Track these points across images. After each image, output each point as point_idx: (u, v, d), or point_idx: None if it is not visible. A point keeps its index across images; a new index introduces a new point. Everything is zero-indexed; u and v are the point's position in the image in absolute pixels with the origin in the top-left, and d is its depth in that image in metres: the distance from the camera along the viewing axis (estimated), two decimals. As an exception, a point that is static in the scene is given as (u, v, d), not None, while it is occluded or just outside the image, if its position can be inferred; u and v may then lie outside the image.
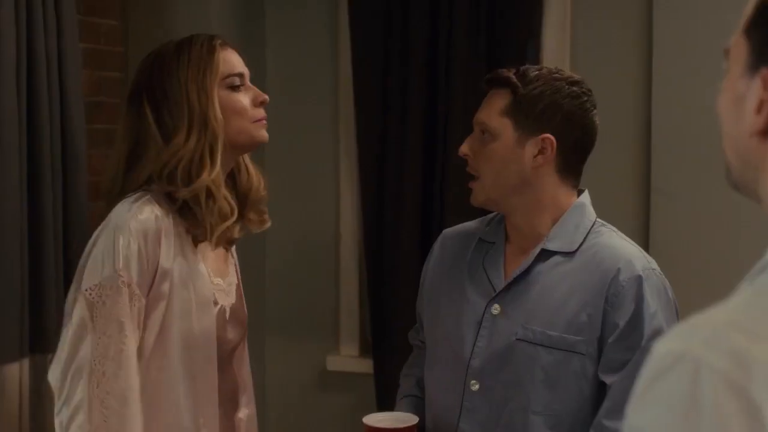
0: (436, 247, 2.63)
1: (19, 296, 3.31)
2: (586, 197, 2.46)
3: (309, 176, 4.41)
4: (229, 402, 2.57)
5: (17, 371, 3.36)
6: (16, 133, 3.29)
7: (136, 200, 2.38)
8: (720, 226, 3.69)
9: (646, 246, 3.84)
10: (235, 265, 2.66)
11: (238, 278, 2.64)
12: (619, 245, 2.39)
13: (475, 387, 2.39)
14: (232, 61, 2.49)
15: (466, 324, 2.44)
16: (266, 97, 2.51)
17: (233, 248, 2.66)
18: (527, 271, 2.39)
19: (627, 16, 3.93)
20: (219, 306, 2.49)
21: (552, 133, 2.35)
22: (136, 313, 2.33)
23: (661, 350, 0.97)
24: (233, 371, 2.59)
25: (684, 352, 0.94)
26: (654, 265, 2.38)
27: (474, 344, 2.41)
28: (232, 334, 2.54)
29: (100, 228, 2.40)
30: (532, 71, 2.40)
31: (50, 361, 3.39)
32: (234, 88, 2.47)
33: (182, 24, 4.16)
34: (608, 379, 2.29)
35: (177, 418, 2.41)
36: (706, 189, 3.69)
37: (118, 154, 2.50)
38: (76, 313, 2.35)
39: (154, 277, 2.36)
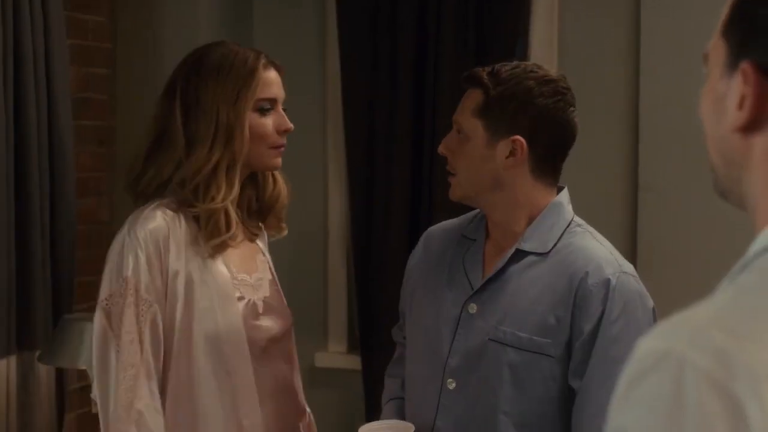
0: (420, 245, 2.63)
1: (6, 293, 3.31)
2: (564, 196, 2.42)
3: (297, 173, 4.39)
4: (280, 394, 2.58)
5: (4, 368, 3.35)
6: (3, 130, 3.28)
7: (147, 208, 2.43)
8: (707, 223, 3.70)
9: (633, 243, 3.85)
10: (268, 262, 2.67)
11: (271, 273, 2.65)
12: (592, 247, 2.34)
13: (452, 385, 2.39)
14: (271, 83, 2.50)
15: (445, 322, 2.43)
16: (291, 126, 2.51)
17: (265, 247, 2.69)
18: (502, 271, 2.37)
19: (615, 13, 3.94)
20: (246, 300, 2.51)
21: (522, 135, 2.31)
22: (148, 319, 2.37)
23: (643, 349, 0.96)
24: (279, 365, 2.60)
25: (667, 351, 0.93)
26: (627, 268, 2.33)
27: (452, 343, 2.40)
28: (269, 327, 2.55)
29: (115, 239, 2.45)
30: (506, 70, 2.36)
31: (38, 358, 3.39)
32: (263, 111, 2.48)
33: (170, 20, 4.15)
34: (574, 384, 2.27)
35: (212, 411, 2.43)
36: (694, 186, 3.70)
37: (145, 138, 2.53)
38: (97, 325, 2.40)
39: (167, 280, 2.39)
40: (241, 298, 2.50)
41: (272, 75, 2.51)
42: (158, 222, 2.40)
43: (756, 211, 1.11)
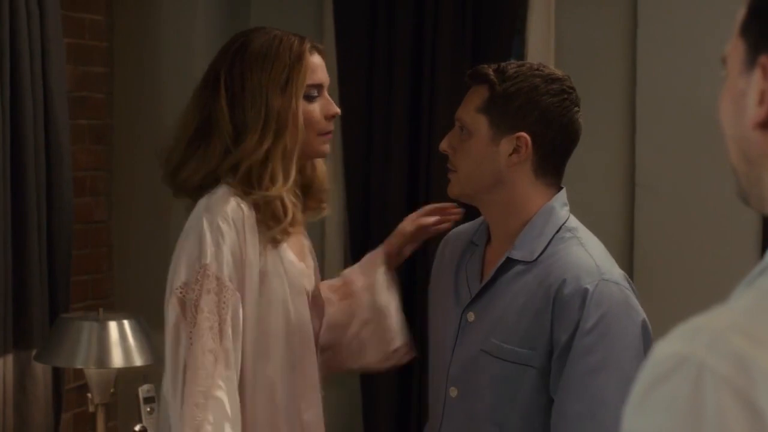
0: (438, 252, 2.61)
1: (2, 292, 3.31)
2: (558, 199, 2.37)
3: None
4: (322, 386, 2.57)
5: (1, 367, 3.35)
6: None
7: (220, 194, 2.36)
8: (704, 221, 3.70)
9: (630, 241, 3.85)
10: (310, 246, 2.63)
11: (315, 261, 2.62)
12: (575, 255, 2.28)
13: (454, 393, 2.38)
14: (317, 68, 2.46)
15: (448, 329, 2.42)
16: (338, 110, 2.49)
17: (305, 231, 2.63)
18: (495, 280, 2.35)
19: (611, 12, 3.94)
20: (307, 291, 2.49)
21: (527, 132, 2.29)
22: (230, 307, 2.31)
23: (662, 353, 0.96)
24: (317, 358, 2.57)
25: (686, 355, 0.93)
26: (611, 276, 2.25)
27: (453, 351, 2.39)
28: (316, 320, 2.53)
29: (187, 225, 2.39)
30: (512, 68, 2.34)
31: (34, 357, 3.39)
32: (310, 98, 2.44)
33: (167, 18, 4.15)
34: (553, 396, 2.24)
35: (276, 405, 2.40)
36: (690, 184, 3.70)
37: (183, 128, 2.45)
38: (170, 314, 2.34)
39: (244, 269, 2.35)
40: (305, 291, 2.47)
41: (318, 60, 2.47)
42: (234, 207, 2.34)
43: None
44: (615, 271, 2.28)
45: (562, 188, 2.40)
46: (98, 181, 4.12)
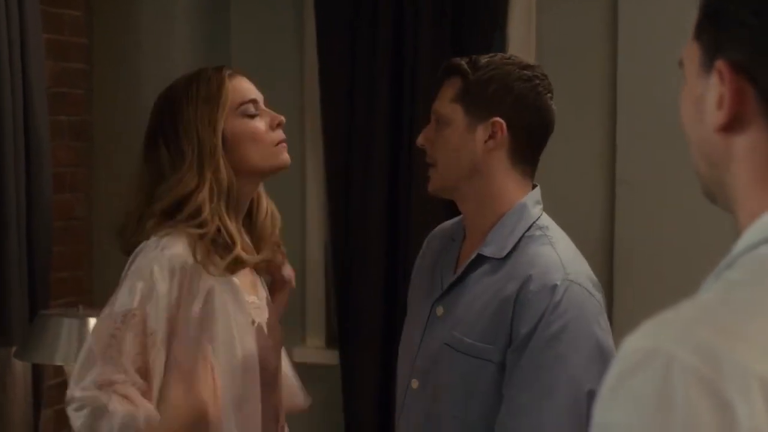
0: (423, 247, 2.63)
1: (-19, 289, 3.30)
2: (532, 197, 2.37)
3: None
4: (271, 422, 2.53)
5: (-19, 365, 3.34)
6: (-21, 125, 3.27)
7: (163, 237, 2.35)
8: (684, 217, 3.71)
9: (611, 237, 3.86)
10: (262, 281, 2.62)
11: (267, 291, 2.61)
12: (543, 253, 2.28)
13: (415, 385, 2.39)
14: (242, 88, 2.47)
15: (417, 322, 2.44)
16: (282, 118, 2.49)
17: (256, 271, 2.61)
18: (465, 275, 2.36)
19: (593, 7, 3.94)
20: (256, 324, 2.47)
21: (502, 117, 2.30)
22: (150, 354, 2.30)
23: (631, 346, 0.96)
24: (277, 391, 2.56)
25: (655, 349, 0.93)
26: (576, 277, 2.24)
27: (420, 344, 2.41)
28: (275, 350, 2.53)
29: (127, 266, 2.37)
30: (484, 58, 2.36)
31: (14, 354, 3.38)
32: (250, 116, 2.44)
33: (147, 16, 4.14)
34: (504, 391, 2.24)
35: None
36: (671, 180, 3.71)
37: (136, 195, 2.45)
38: (87, 341, 2.34)
39: (185, 310, 2.33)
40: (253, 323, 2.46)
41: (241, 81, 2.48)
42: (177, 250, 2.33)
43: (739, 211, 1.11)
44: (581, 272, 2.27)
45: (536, 186, 2.40)
46: (78, 177, 4.11)
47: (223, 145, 2.41)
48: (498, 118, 2.30)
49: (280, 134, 2.48)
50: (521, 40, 4.01)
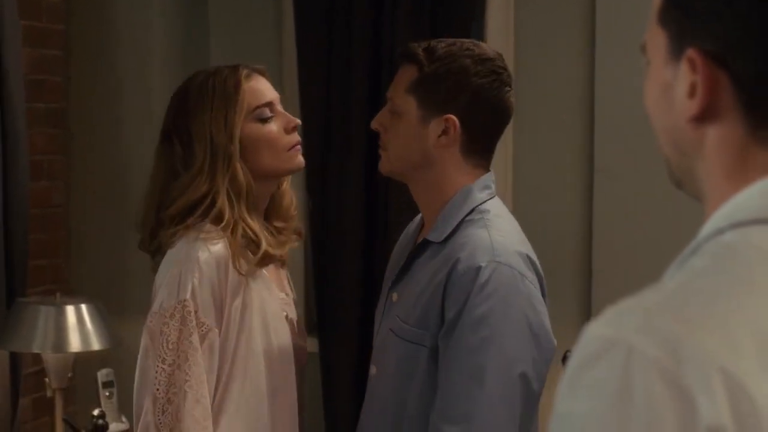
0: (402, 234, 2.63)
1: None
2: (480, 182, 2.34)
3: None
4: (299, 414, 2.58)
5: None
6: (-45, 112, 3.25)
7: (203, 231, 2.36)
8: (663, 206, 3.72)
9: (589, 226, 3.87)
10: (288, 278, 2.66)
11: (293, 290, 2.66)
12: (474, 236, 2.25)
13: (373, 371, 2.40)
14: (258, 91, 2.46)
15: (380, 310, 2.45)
16: (298, 121, 2.48)
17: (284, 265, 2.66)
18: (412, 261, 2.36)
19: (571, -3, 3.95)
20: (288, 318, 2.52)
21: (456, 114, 2.27)
22: (207, 343, 2.32)
23: (590, 336, 0.95)
24: (303, 385, 2.62)
25: (615, 338, 0.93)
26: (507, 259, 2.21)
27: (378, 330, 2.42)
28: (302, 348, 2.59)
29: (170, 256, 2.37)
30: (442, 47, 2.31)
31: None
32: (264, 120, 2.44)
33: (125, 3, 4.12)
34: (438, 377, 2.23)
35: (257, 430, 2.42)
36: (649, 169, 3.72)
37: (152, 190, 2.47)
38: (142, 341, 2.36)
39: (225, 303, 2.35)
40: (285, 316, 2.51)
41: (256, 82, 2.47)
42: (218, 244, 2.35)
43: (708, 199, 1.10)
44: (513, 253, 2.24)
45: (489, 171, 2.38)
46: (55, 165, 4.10)
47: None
48: (452, 116, 2.28)
49: (294, 137, 2.48)
50: (499, 30, 4.01)
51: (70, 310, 3.31)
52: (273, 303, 2.46)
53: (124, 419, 3.70)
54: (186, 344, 2.30)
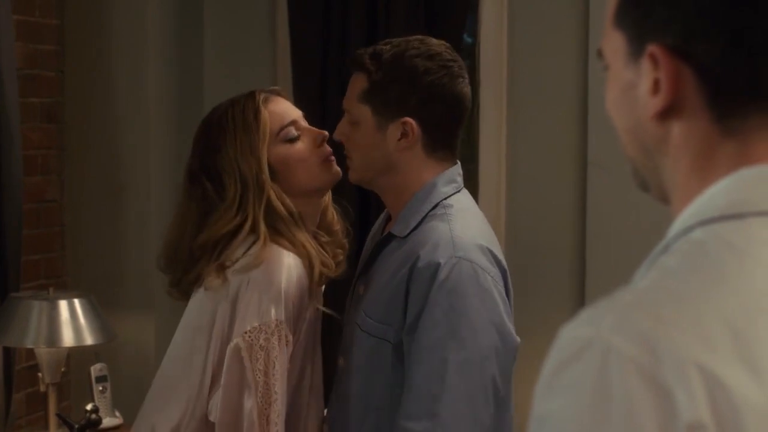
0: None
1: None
2: (444, 176, 2.33)
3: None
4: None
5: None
6: (-52, 107, 3.25)
7: (281, 253, 2.33)
8: (655, 200, 3.73)
9: (583, 219, 3.87)
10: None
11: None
12: (436, 230, 2.25)
13: (341, 363, 2.41)
14: (279, 113, 2.43)
15: (348, 301, 2.45)
16: (325, 133, 2.44)
17: None
18: (376, 254, 2.36)
19: (564, -10, 3.95)
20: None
21: (412, 116, 2.26)
22: (286, 355, 2.31)
23: (566, 336, 0.95)
24: None
25: (591, 338, 0.92)
26: (468, 254, 2.20)
27: (346, 321, 2.43)
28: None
29: (256, 274, 2.32)
30: (387, 51, 2.30)
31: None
32: (292, 140, 2.41)
33: (118, -3, 4.12)
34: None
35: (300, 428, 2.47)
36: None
37: (181, 229, 2.43)
38: (233, 356, 2.31)
39: (301, 323, 2.37)
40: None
41: (276, 104, 2.45)
42: (296, 260, 2.33)
43: (674, 198, 1.10)
44: (474, 248, 2.23)
45: (456, 163, 2.37)
46: (50, 159, 4.09)
47: (271, 173, 2.37)
48: (408, 118, 2.27)
49: (325, 149, 2.44)
50: (494, 23, 4.01)
51: (63, 304, 3.31)
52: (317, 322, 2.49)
53: (117, 414, 3.71)
54: (281, 362, 2.29)
